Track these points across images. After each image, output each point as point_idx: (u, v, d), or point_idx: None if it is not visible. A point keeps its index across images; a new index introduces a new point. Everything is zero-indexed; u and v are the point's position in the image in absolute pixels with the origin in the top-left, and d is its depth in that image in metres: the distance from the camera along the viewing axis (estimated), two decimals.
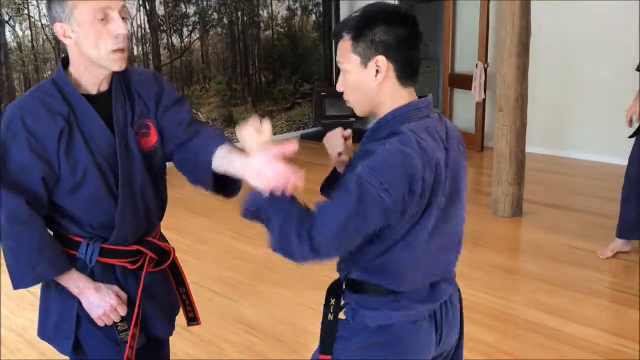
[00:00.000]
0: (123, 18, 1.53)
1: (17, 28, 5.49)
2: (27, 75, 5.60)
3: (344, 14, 7.73)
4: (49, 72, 5.68)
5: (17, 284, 1.59)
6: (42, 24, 5.61)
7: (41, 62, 5.66)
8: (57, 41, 5.68)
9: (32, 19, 5.56)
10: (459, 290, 1.62)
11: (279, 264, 3.85)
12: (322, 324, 1.50)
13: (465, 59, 6.89)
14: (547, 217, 4.55)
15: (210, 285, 3.55)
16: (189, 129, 1.70)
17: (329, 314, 1.49)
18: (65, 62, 1.62)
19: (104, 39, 1.51)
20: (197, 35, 6.80)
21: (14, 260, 1.56)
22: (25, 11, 5.51)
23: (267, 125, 1.41)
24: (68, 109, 1.56)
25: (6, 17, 5.41)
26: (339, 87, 1.46)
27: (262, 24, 7.38)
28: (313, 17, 7.91)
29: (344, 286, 1.50)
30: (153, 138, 1.69)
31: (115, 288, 1.67)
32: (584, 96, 5.98)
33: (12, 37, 5.46)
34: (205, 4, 6.79)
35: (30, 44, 5.58)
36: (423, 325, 1.48)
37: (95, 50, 1.52)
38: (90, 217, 1.62)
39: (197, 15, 6.75)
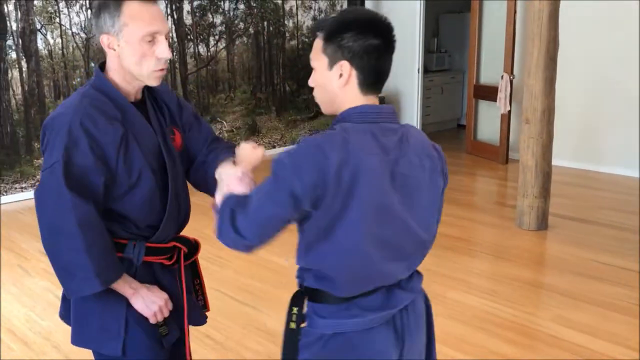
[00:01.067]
0: (167, 40, 1.61)
1: (49, 36, 5.61)
2: (56, 82, 5.71)
3: None
4: (78, 80, 5.79)
5: (82, 291, 1.58)
6: (72, 33, 5.72)
7: (70, 70, 5.77)
8: (87, 49, 5.79)
9: (63, 28, 5.67)
10: (427, 302, 1.60)
11: None
12: (284, 333, 1.50)
13: (490, 70, 6.85)
14: (573, 231, 4.49)
15: (233, 293, 3.57)
16: (211, 145, 1.84)
17: (291, 323, 1.49)
18: (101, 68, 1.67)
19: (148, 59, 1.58)
20: (224, 45, 6.87)
21: (82, 266, 1.54)
22: (57, 20, 5.63)
23: (261, 149, 1.67)
24: (121, 114, 1.61)
25: (38, 26, 5.53)
26: (310, 83, 1.49)
27: (287, 34, 7.43)
28: None
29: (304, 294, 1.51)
30: (179, 142, 1.79)
31: (157, 287, 1.71)
32: (612, 109, 5.90)
33: (44, 45, 5.58)
34: (232, 14, 6.86)
35: (60, 52, 5.69)
36: (380, 332, 1.46)
37: (137, 67, 1.59)
38: (141, 217, 1.67)
39: (224, 25, 6.82)
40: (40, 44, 5.55)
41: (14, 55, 5.41)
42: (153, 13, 1.57)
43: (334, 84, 1.41)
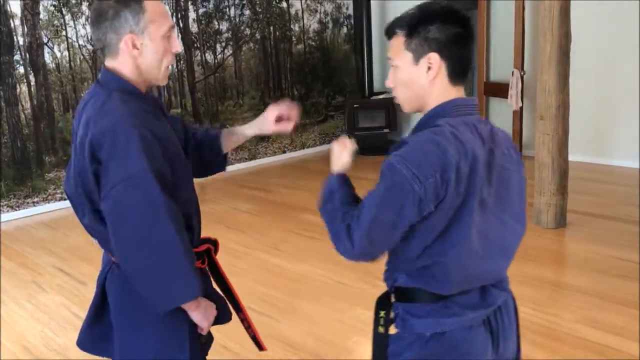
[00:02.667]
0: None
1: (56, 50, 5.59)
2: (65, 95, 5.70)
3: (375, 25, 7.69)
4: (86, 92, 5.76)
5: (181, 298, 1.51)
6: (79, 45, 5.71)
7: (78, 82, 5.75)
8: (94, 61, 5.77)
9: (70, 40, 5.66)
10: (514, 300, 1.56)
11: (317, 279, 3.82)
12: (373, 338, 1.46)
13: (500, 67, 6.77)
14: (593, 228, 4.40)
15: (248, 302, 3.48)
16: (190, 125, 1.91)
17: (379, 327, 1.46)
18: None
19: (167, 56, 1.58)
20: (230, 51, 6.84)
21: (182, 271, 1.47)
22: (63, 33, 5.62)
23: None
24: (152, 109, 1.61)
25: (45, 40, 5.52)
26: (389, 83, 1.47)
27: (294, 38, 7.39)
28: (344, 29, 7.89)
29: (392, 297, 1.47)
30: None
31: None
32: (626, 102, 5.80)
33: (51, 59, 5.57)
34: (237, 20, 6.83)
35: (68, 65, 5.68)
36: (479, 332, 1.43)
37: (158, 64, 1.57)
38: (185, 215, 1.62)
39: (230, 32, 6.79)
40: (47, 57, 5.54)
41: (21, 70, 5.40)
42: (165, 9, 1.60)
43: (422, 78, 1.39)
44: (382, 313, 1.45)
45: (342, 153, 1.51)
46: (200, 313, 1.61)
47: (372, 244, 1.33)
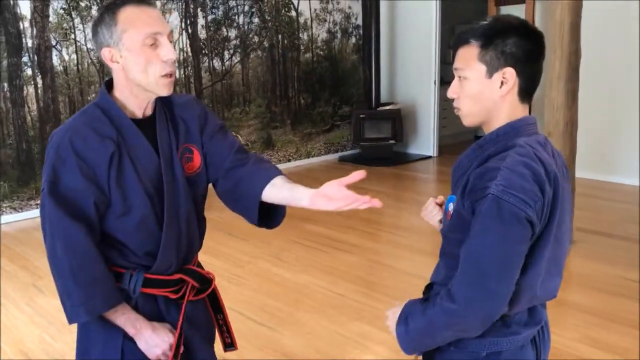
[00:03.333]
0: (170, 42, 1.51)
1: (64, 52, 5.61)
2: (72, 98, 5.71)
3: (383, 36, 7.70)
4: (93, 95, 5.78)
5: (71, 318, 1.51)
6: (87, 49, 5.72)
7: (86, 85, 5.76)
8: (102, 65, 5.78)
9: (78, 44, 5.68)
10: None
11: (318, 291, 3.80)
12: (422, 356, 1.44)
13: None
14: (598, 246, 4.36)
15: (248, 312, 3.49)
16: (239, 155, 1.68)
17: None
18: (109, 85, 1.59)
19: (153, 64, 1.48)
20: (238, 59, 6.85)
21: (68, 292, 1.48)
22: (72, 36, 5.63)
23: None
24: (117, 133, 1.52)
25: (54, 42, 5.53)
26: (451, 94, 1.41)
27: (302, 47, 7.39)
28: (353, 39, 7.90)
29: None
30: (197, 162, 1.65)
31: (168, 326, 1.62)
32: (634, 119, 5.76)
33: (59, 62, 5.58)
34: (246, 27, 6.84)
35: (75, 68, 5.69)
36: (528, 350, 1.42)
37: (144, 75, 1.49)
38: (137, 244, 1.57)
39: (238, 39, 6.80)
40: (55, 60, 5.56)
41: (29, 71, 5.41)
42: (150, 14, 1.48)
43: (494, 93, 1.35)
44: None
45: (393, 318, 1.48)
46: (142, 343, 1.55)
47: (503, 286, 1.25)
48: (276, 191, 1.58)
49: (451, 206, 1.43)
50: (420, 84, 7.68)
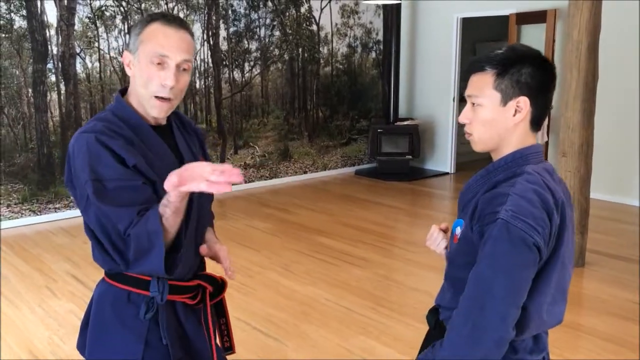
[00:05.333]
0: (184, 70, 1.53)
1: (87, 60, 5.73)
2: (93, 105, 5.82)
3: (403, 52, 7.72)
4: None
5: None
6: (110, 57, 5.84)
7: (107, 93, 5.87)
8: (124, 73, 5.89)
9: (102, 52, 5.79)
10: None
11: (326, 304, 3.80)
12: None
13: None
14: (612, 270, 4.30)
15: (255, 323, 3.50)
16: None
17: None
18: (123, 92, 1.63)
19: (153, 83, 1.51)
20: (258, 71, 6.92)
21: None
22: (96, 44, 5.75)
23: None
24: (134, 135, 1.54)
25: (78, 50, 5.66)
26: (463, 120, 1.44)
27: (322, 60, 7.45)
28: (373, 54, 7.93)
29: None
30: None
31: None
32: None
33: (82, 69, 5.70)
34: (267, 40, 6.92)
35: (98, 76, 5.81)
36: None
37: (143, 89, 1.53)
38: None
39: (259, 51, 6.87)
40: (79, 67, 5.68)
41: (53, 78, 5.54)
42: (171, 36, 1.50)
43: (508, 121, 1.37)
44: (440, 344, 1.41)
45: None
46: (191, 185, 1.33)
47: (513, 309, 1.26)
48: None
49: (458, 230, 1.43)
50: (439, 100, 7.68)
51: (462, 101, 7.96)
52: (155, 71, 1.50)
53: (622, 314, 3.61)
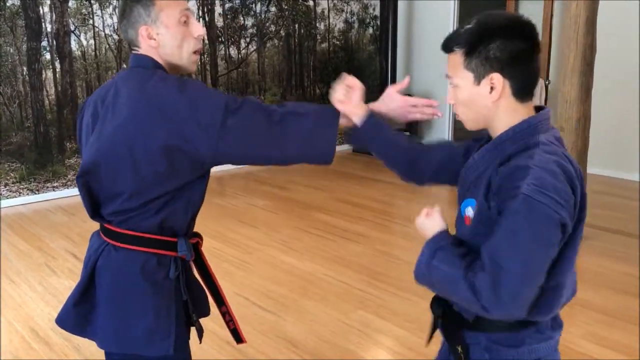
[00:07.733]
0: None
1: (82, 38, 5.68)
2: (89, 83, 5.78)
3: (401, 27, 7.66)
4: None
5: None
6: (105, 34, 5.78)
7: (103, 71, 5.83)
8: (119, 50, 5.84)
9: (97, 29, 5.74)
10: None
11: (325, 279, 3.82)
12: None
13: None
14: (609, 244, 4.32)
15: (254, 298, 3.53)
16: None
17: None
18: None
19: (188, 40, 1.58)
20: (254, 47, 6.87)
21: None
22: (90, 22, 5.70)
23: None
24: None
25: (72, 27, 5.60)
26: (449, 101, 1.38)
27: (318, 37, 7.39)
28: (370, 30, 7.87)
29: (461, 325, 1.40)
30: None
31: None
32: None
33: (77, 47, 5.65)
34: (263, 16, 6.86)
35: (93, 53, 5.76)
36: (558, 354, 1.41)
37: (179, 51, 1.58)
38: (196, 208, 1.65)
39: (255, 28, 6.82)
40: (73, 45, 5.63)
41: (48, 56, 5.49)
42: None
43: (485, 99, 1.30)
44: (459, 348, 1.37)
45: (431, 223, 1.41)
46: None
47: (529, 289, 1.20)
48: None
49: (470, 210, 1.35)
50: (436, 77, 7.63)
51: None
52: (186, 29, 1.58)
53: (615, 286, 3.64)
